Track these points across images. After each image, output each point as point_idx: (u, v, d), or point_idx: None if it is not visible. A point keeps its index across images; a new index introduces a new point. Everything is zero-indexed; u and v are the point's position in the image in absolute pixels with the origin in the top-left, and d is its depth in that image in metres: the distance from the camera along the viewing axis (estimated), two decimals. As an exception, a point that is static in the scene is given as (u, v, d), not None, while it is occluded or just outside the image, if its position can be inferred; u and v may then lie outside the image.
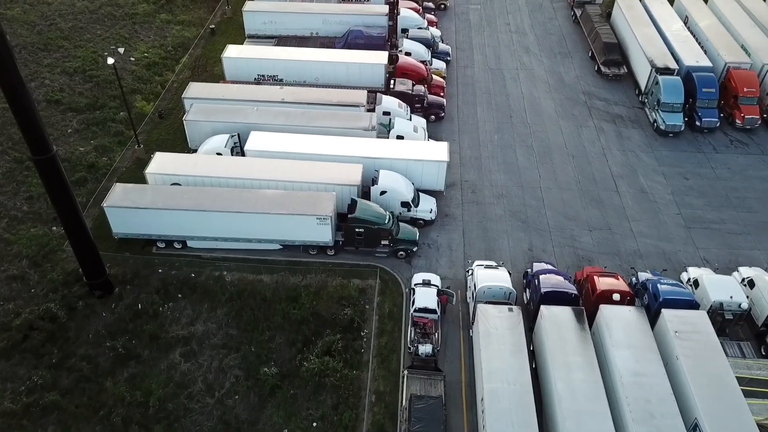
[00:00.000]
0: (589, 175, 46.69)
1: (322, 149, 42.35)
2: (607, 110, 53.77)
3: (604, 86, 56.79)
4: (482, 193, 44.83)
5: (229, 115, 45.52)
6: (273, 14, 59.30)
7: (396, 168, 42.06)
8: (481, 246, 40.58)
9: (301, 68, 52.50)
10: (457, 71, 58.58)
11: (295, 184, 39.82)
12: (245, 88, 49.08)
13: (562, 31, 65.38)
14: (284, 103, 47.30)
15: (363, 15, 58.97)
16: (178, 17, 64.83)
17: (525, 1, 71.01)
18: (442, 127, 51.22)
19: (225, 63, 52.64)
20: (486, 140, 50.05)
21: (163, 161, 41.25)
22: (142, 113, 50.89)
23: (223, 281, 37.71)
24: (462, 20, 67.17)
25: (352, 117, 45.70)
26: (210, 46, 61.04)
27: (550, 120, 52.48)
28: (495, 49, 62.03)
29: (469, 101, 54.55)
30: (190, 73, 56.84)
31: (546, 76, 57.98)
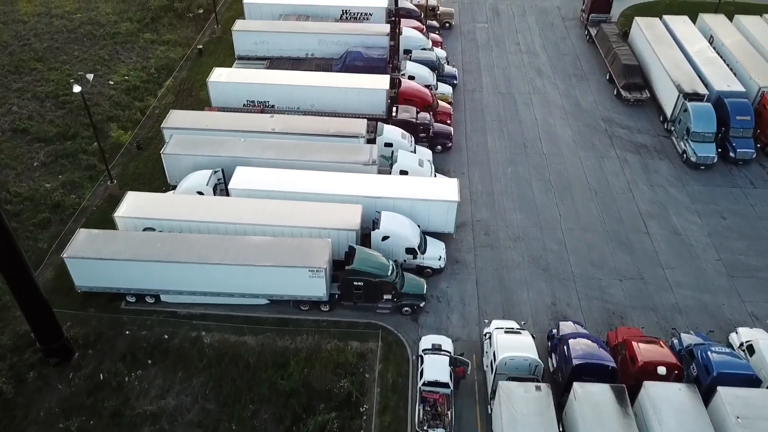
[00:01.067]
0: (615, 214, 41.79)
1: (316, 187, 37.49)
2: (630, 139, 49.02)
3: (625, 112, 52.09)
4: (496, 235, 39.90)
5: (212, 147, 40.68)
6: (264, 34, 54.71)
7: (400, 209, 37.16)
8: (497, 299, 35.56)
9: (295, 94, 47.79)
10: (465, 95, 53.92)
11: (285, 229, 34.90)
12: (231, 117, 44.26)
13: (576, 51, 60.85)
14: (274, 133, 42.53)
15: (362, 35, 54.39)
16: (163, 37, 60.26)
17: (535, 20, 66.59)
18: (450, 159, 46.41)
19: (211, 88, 47.91)
20: (498, 173, 45.22)
21: (135, 203, 36.30)
22: (118, 144, 46.06)
23: (200, 344, 32.62)
24: (468, 40, 62.68)
25: (350, 150, 40.88)
26: (197, 68, 56.39)
27: (568, 150, 47.70)
28: (505, 71, 57.45)
29: (479, 129, 49.81)
30: (174, 98, 52.12)
31: (561, 101, 53.32)
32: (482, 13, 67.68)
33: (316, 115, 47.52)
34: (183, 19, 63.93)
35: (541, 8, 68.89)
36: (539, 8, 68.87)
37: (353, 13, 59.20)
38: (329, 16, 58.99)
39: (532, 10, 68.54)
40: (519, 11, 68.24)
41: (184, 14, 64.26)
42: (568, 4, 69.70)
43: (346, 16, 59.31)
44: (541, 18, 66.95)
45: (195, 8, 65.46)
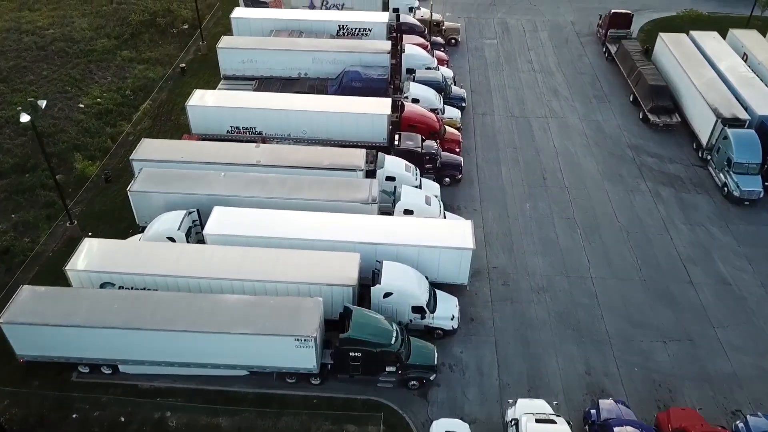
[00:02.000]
0: (652, 260, 36.28)
1: (306, 232, 31.96)
2: (661, 169, 43.63)
3: (654, 138, 46.76)
4: (517, 286, 34.34)
5: (187, 183, 35.19)
6: (253, 52, 49.44)
7: (405, 257, 31.60)
8: (521, 367, 29.89)
9: (285, 119, 42.41)
10: (474, 120, 48.60)
11: (268, 284, 29.29)
12: (211, 147, 38.81)
13: (594, 70, 55.69)
14: (260, 166, 37.12)
15: (360, 53, 49.11)
16: (142, 54, 55.03)
17: (548, 35, 61.56)
18: (460, 193, 40.97)
19: (190, 112, 42.53)
20: (516, 210, 39.76)
21: (92, 252, 30.70)
22: (83, 176, 40.58)
23: (164, 427, 26.94)
24: (476, 57, 57.53)
25: (346, 186, 35.41)
26: (178, 89, 51.07)
27: (592, 182, 42.29)
28: (518, 92, 52.22)
29: (492, 158, 44.42)
30: (151, 123, 46.75)
31: (582, 126, 48.01)
32: (490, 29, 62.66)
33: (309, 143, 42.48)
34: (166, 35, 58.78)
35: (553, 23, 63.89)
36: (552, 23, 63.87)
37: (351, 29, 54.08)
38: (325, 31, 53.85)
39: (544, 25, 63.53)
40: (530, 26, 63.23)
41: (167, 30, 59.15)
42: (582, 19, 64.73)
43: (343, 31, 54.20)
44: (554, 34, 61.90)
45: (179, 23, 60.35)
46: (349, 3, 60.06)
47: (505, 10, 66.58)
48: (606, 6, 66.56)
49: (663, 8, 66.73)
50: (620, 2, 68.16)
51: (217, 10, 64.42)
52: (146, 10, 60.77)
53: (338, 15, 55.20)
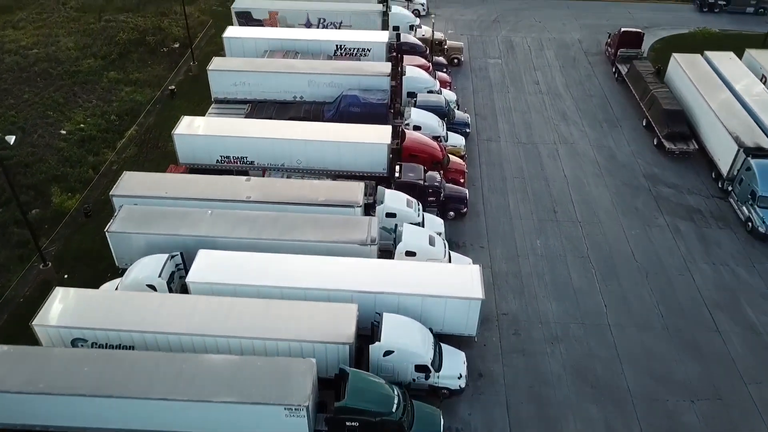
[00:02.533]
0: (674, 304, 33.52)
1: (299, 279, 29.18)
2: (679, 201, 40.95)
3: (670, 167, 44.11)
4: (529, 335, 31.55)
5: (170, 223, 32.45)
6: (246, 74, 46.71)
7: (407, 307, 28.84)
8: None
9: (278, 148, 39.72)
10: (479, 146, 45.97)
11: (256, 342, 26.51)
12: (198, 181, 36.06)
13: (604, 91, 53.14)
14: (250, 202, 34.42)
15: (359, 75, 46.47)
16: (130, 76, 52.44)
17: (554, 54, 59.09)
18: (465, 228, 38.27)
19: (177, 141, 39.87)
20: (525, 247, 37.03)
21: (62, 303, 27.86)
22: (61, 211, 37.85)
23: (138, 507, 24.12)
24: (480, 78, 55.02)
25: (343, 225, 32.65)
26: (167, 112, 48.47)
27: (606, 216, 39.59)
28: (524, 116, 49.62)
29: (498, 188, 41.75)
30: (137, 151, 44.09)
31: (593, 153, 45.36)
32: (494, 47, 60.19)
33: (303, 173, 39.87)
34: (155, 54, 56.23)
35: (559, 41, 61.44)
36: (558, 41, 61.42)
37: (349, 49, 51.55)
38: (321, 52, 51.29)
39: (550, 43, 61.08)
40: (535, 45, 60.78)
41: (157, 49, 56.61)
42: (589, 37, 62.32)
43: (340, 51, 51.67)
44: (561, 52, 59.44)
45: (170, 42, 57.85)
46: (347, 21, 57.59)
47: (509, 28, 64.17)
48: (613, 23, 64.47)
49: (673, 25, 64.43)
50: (627, 19, 66.14)
51: (210, 27, 61.96)
52: (136, 28, 58.26)
53: (336, 34, 52.68)
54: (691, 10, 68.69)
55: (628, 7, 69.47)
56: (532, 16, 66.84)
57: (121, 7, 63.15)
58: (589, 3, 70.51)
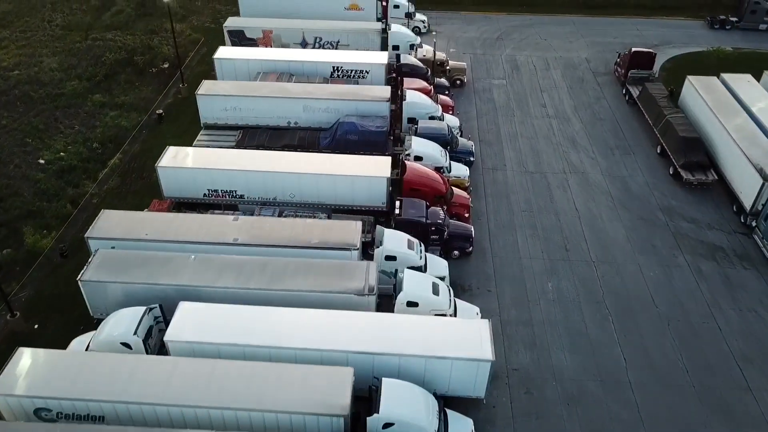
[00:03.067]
0: (699, 357, 30.72)
1: (288, 338, 26.37)
2: (699, 237, 38.24)
3: (688, 199, 41.41)
4: (542, 395, 28.73)
5: (150, 270, 29.68)
6: (237, 99, 44.14)
7: (409, 370, 26.06)
8: None
9: (270, 182, 37.10)
10: (484, 176, 43.28)
11: (240, 413, 23.74)
12: (181, 221, 33.26)
13: (614, 115, 50.52)
14: (237, 245, 31.68)
15: (357, 100, 43.84)
16: (116, 99, 49.77)
17: (561, 74, 56.51)
18: (471, 269, 35.51)
19: (161, 174, 37.21)
20: (536, 291, 34.28)
21: (25, 368, 24.99)
22: (34, 251, 35.08)
23: None
24: (484, 100, 52.40)
25: (339, 271, 29.87)
26: (153, 139, 45.83)
27: (622, 254, 36.85)
28: (531, 142, 46.97)
29: (505, 223, 39.03)
30: (120, 182, 41.38)
31: (605, 183, 42.66)
32: (498, 67, 57.63)
33: (297, 207, 37.21)
34: (144, 75, 53.60)
35: (566, 61, 58.89)
36: (564, 61, 58.87)
37: (346, 71, 48.92)
38: (317, 74, 48.69)
39: (556, 62, 58.53)
40: (541, 64, 58.22)
41: (145, 70, 53.98)
42: (597, 56, 59.77)
43: (337, 74, 49.07)
44: (568, 73, 56.86)
45: (159, 62, 55.23)
46: (344, 40, 55.06)
47: (513, 46, 61.63)
48: (621, 41, 62.10)
49: (684, 43, 61.91)
50: (635, 36, 63.69)
51: (202, 46, 59.40)
52: (123, 47, 55.67)
53: (332, 55, 50.08)
54: (702, 27, 66.18)
55: (636, 23, 66.97)
56: (537, 33, 64.32)
57: (110, 24, 60.59)
58: (596, 19, 68.03)
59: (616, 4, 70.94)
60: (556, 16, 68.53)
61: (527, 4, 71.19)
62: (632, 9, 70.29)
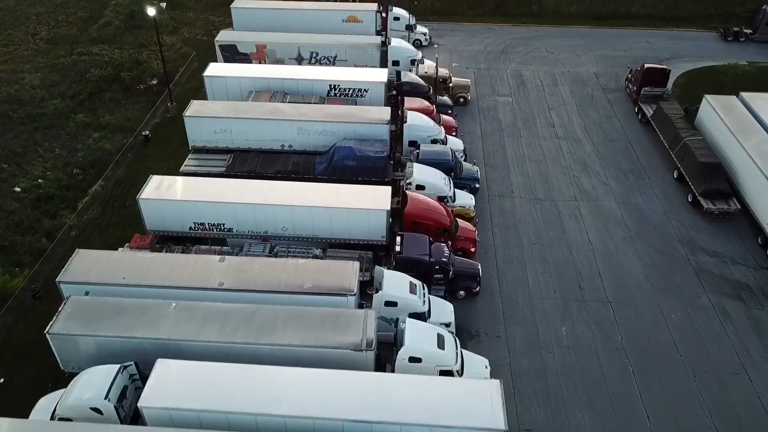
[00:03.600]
0: (731, 415, 27.94)
1: (276, 402, 23.56)
2: (723, 274, 35.51)
3: (708, 230, 38.70)
4: (558, 461, 26.09)
5: (126, 320, 26.91)
6: (227, 121, 41.52)
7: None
8: None
9: (260, 214, 34.41)
10: (491, 203, 40.58)
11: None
12: (161, 263, 30.37)
13: (627, 135, 47.81)
14: (223, 290, 28.96)
15: (354, 123, 41.18)
16: (100, 118, 47.09)
17: (569, 91, 53.83)
18: (478, 310, 32.77)
19: (144, 207, 34.45)
20: (549, 336, 31.54)
21: (-20, 441, 22.48)
22: (4, 293, 32.34)
23: None
24: (489, 119, 49.71)
25: (333, 321, 27.08)
26: (138, 163, 43.18)
27: (641, 294, 34.11)
28: (540, 166, 44.27)
29: (514, 258, 36.31)
30: (101, 212, 38.68)
31: (620, 212, 39.95)
32: (504, 83, 54.95)
33: (290, 241, 34.60)
34: (130, 92, 50.91)
35: (574, 75, 56.23)
36: (573, 76, 56.21)
37: (344, 89, 46.26)
38: (313, 93, 46.03)
39: (564, 78, 55.86)
40: (548, 80, 55.55)
41: (132, 87, 51.29)
42: (607, 70, 57.13)
43: (334, 92, 46.41)
44: (576, 89, 54.18)
45: (147, 78, 52.56)
46: (342, 55, 52.36)
47: (518, 60, 58.98)
48: (630, 54, 59.55)
49: (697, 56, 59.23)
50: (646, 49, 61.10)
51: (193, 60, 56.74)
52: (110, 63, 53.02)
53: (329, 73, 47.29)
54: (715, 39, 63.56)
55: (646, 35, 64.36)
56: (543, 46, 61.69)
57: (96, 38, 57.96)
58: (604, 31, 65.42)
59: (625, 14, 68.48)
60: (563, 28, 65.91)
61: (532, 15, 68.72)
62: (641, 20, 67.75)
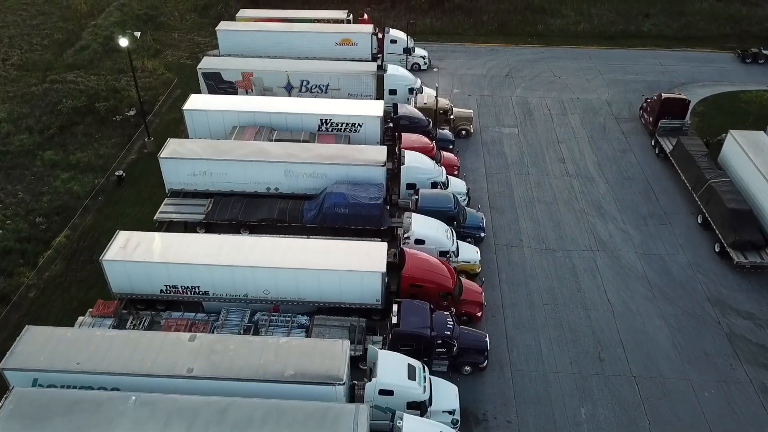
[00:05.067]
0: None
1: None
2: (759, 341, 31.61)
3: (740, 286, 34.84)
4: None
5: (75, 420, 22.77)
6: (207, 162, 37.75)
7: None
8: None
9: (239, 277, 30.58)
10: (498, 255, 36.71)
11: None
12: (123, 342, 26.24)
13: (644, 173, 43.99)
14: (192, 378, 25.03)
15: (348, 165, 37.39)
16: (71, 156, 43.22)
17: (580, 120, 50.04)
18: (486, 389, 28.84)
19: (108, 269, 30.56)
20: (567, 421, 27.60)
21: None
22: (-54, 372, 28.47)
23: None
24: (494, 154, 45.88)
25: (318, 420, 23.09)
26: (109, 208, 39.35)
27: (669, 366, 30.20)
28: (551, 209, 40.43)
29: (525, 322, 32.42)
30: (65, 268, 34.77)
31: (641, 265, 36.10)
32: (509, 112, 51.18)
33: (273, 302, 30.79)
34: (105, 125, 47.06)
35: (585, 103, 52.46)
36: (583, 104, 52.43)
37: (336, 124, 42.56)
38: (303, 128, 42.31)
39: (573, 106, 52.10)
40: (557, 108, 51.79)
41: (108, 118, 47.46)
42: (619, 97, 53.42)
43: (326, 127, 42.68)
44: (587, 118, 50.40)
45: (125, 108, 48.76)
46: (334, 83, 48.61)
47: (524, 85, 55.23)
48: (643, 78, 56.12)
49: (715, 81, 55.69)
50: (659, 72, 57.59)
51: (175, 87, 52.94)
52: (85, 91, 49.14)
53: (320, 106, 43.40)
54: (732, 60, 59.90)
55: (659, 56, 60.70)
56: (550, 70, 57.96)
57: (72, 63, 54.17)
58: (614, 52, 61.74)
59: (635, 34, 64.92)
60: (570, 48, 62.29)
61: (537, 34, 65.13)
62: (653, 39, 64.19)
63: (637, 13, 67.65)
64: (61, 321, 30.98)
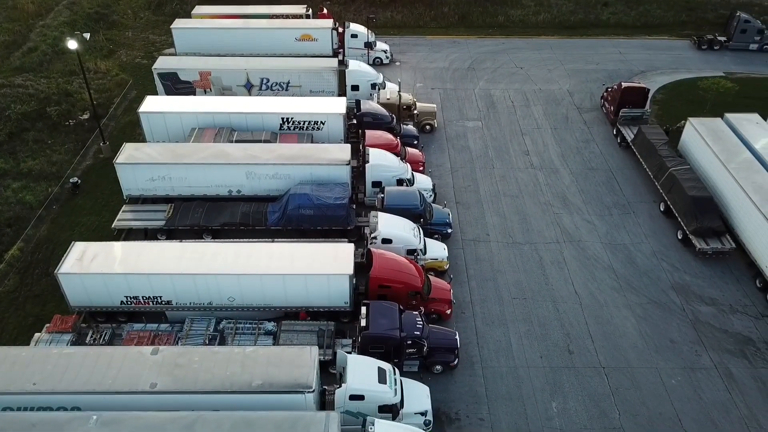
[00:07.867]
0: (748, 507, 24.71)
1: None
2: (723, 326, 32.20)
3: (703, 272, 35.42)
4: None
5: (33, 446, 22.19)
6: (165, 167, 36.68)
7: None
8: None
9: (202, 285, 29.77)
10: (465, 251, 36.58)
11: None
12: (81, 358, 25.28)
13: (607, 163, 44.37)
14: (156, 393, 24.22)
15: (311, 164, 36.77)
16: (21, 164, 41.52)
17: (543, 112, 50.16)
18: (457, 387, 28.70)
19: (64, 282, 29.44)
20: (538, 416, 27.65)
21: None
22: None
23: None
24: (459, 149, 45.69)
25: (287, 430, 22.80)
26: (64, 217, 37.93)
27: (636, 356, 30.52)
28: (516, 202, 40.47)
29: (494, 317, 32.38)
30: (18, 284, 33.34)
31: (606, 255, 36.41)
32: (472, 105, 51.02)
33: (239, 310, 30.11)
34: (58, 131, 45.31)
35: (547, 94, 52.64)
36: (545, 94, 52.60)
37: (298, 122, 41.82)
38: (264, 128, 41.45)
39: (536, 97, 52.22)
40: (520, 99, 51.84)
41: (60, 123, 45.70)
42: (580, 87, 53.75)
43: (288, 126, 41.89)
44: (550, 109, 50.57)
45: (78, 112, 47.04)
46: (295, 81, 47.76)
47: (486, 77, 55.14)
48: (604, 68, 56.61)
49: (672, 68, 56.44)
50: (619, 61, 58.14)
51: (130, 88, 51.27)
52: (35, 96, 47.18)
53: (281, 105, 42.56)
54: (689, 47, 60.82)
55: (618, 45, 61.28)
56: (512, 61, 57.99)
57: (20, 66, 52.00)
58: (573, 41, 62.10)
59: (595, 23, 65.41)
60: (531, 39, 62.39)
61: (498, 25, 65.12)
62: (611, 28, 64.78)
63: (595, 2, 68.09)
64: (16, 339, 29.85)
